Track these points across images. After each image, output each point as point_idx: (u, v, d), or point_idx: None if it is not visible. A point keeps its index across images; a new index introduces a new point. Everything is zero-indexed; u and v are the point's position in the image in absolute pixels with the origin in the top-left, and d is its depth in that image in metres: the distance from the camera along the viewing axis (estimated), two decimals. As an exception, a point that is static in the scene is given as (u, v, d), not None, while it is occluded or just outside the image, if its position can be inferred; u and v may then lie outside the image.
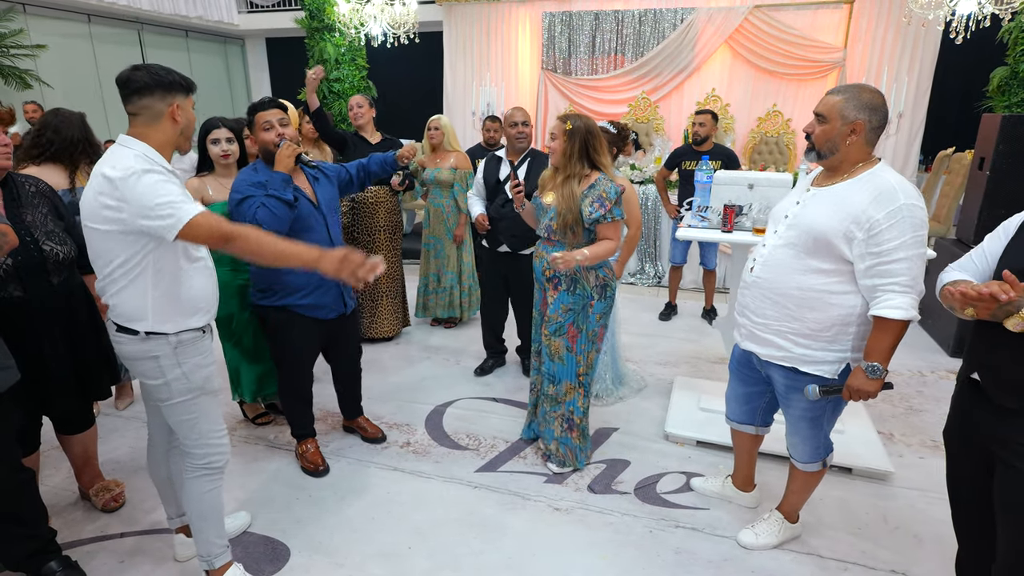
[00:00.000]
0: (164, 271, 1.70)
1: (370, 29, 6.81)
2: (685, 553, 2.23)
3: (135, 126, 1.70)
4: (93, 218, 1.64)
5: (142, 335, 1.72)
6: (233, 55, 10.71)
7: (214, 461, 1.90)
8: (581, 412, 2.66)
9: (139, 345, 1.73)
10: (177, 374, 1.77)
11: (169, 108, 1.70)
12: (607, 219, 2.39)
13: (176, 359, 1.77)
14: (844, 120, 1.78)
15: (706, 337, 4.38)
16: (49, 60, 7.17)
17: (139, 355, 1.75)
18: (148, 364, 1.76)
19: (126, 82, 1.66)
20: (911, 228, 1.68)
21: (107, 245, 1.65)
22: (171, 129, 1.73)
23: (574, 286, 2.50)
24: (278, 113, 2.39)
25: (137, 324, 1.71)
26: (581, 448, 2.71)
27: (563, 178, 2.44)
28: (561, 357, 2.57)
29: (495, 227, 3.34)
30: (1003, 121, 3.79)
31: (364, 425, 3.00)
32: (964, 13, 5.00)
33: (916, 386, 3.58)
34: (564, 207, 2.41)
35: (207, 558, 1.96)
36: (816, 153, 1.87)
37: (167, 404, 1.81)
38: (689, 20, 6.56)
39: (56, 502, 2.46)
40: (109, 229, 1.62)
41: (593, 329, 2.55)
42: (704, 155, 4.14)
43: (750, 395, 2.23)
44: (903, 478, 2.66)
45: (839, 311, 1.83)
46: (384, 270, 1.72)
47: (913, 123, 6.31)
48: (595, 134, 2.42)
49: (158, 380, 1.77)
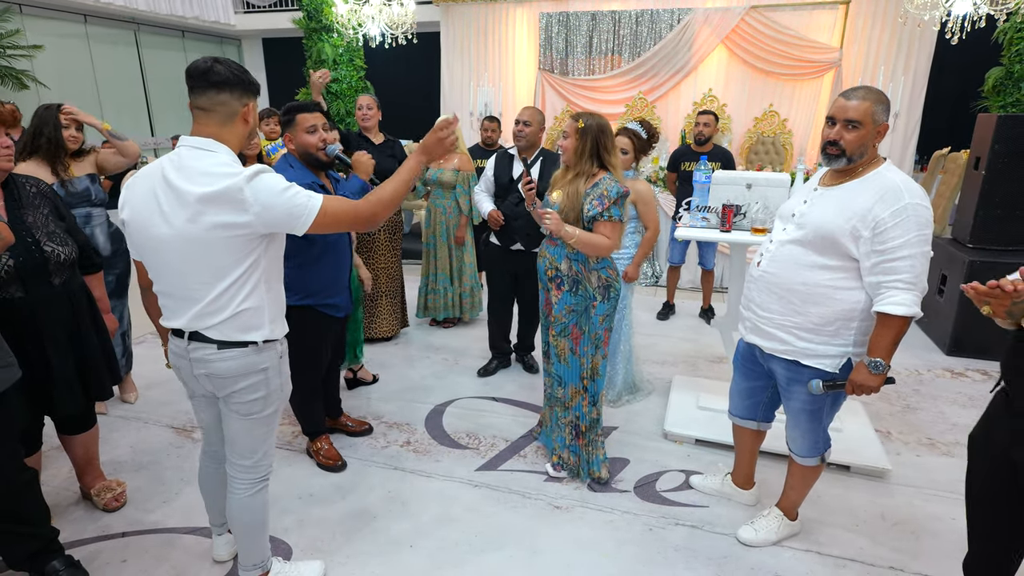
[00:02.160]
0: (272, 271, 1.66)
1: (368, 29, 6.82)
2: (685, 550, 2.24)
3: (207, 125, 1.57)
4: (197, 240, 1.51)
5: (259, 345, 1.65)
6: (230, 56, 10.70)
7: (269, 472, 1.88)
8: (588, 420, 2.60)
9: (251, 358, 1.64)
10: (277, 385, 1.73)
11: (244, 108, 1.60)
12: (603, 217, 2.37)
13: (279, 368, 1.74)
14: (876, 123, 1.80)
15: (704, 336, 4.41)
16: (45, 60, 7.16)
17: (247, 369, 1.65)
18: (254, 378, 1.67)
19: (206, 73, 1.52)
20: (916, 226, 1.71)
21: (221, 260, 1.54)
22: (242, 131, 1.64)
23: (576, 287, 2.49)
24: (321, 118, 2.42)
25: (255, 334, 1.63)
26: (588, 459, 2.63)
27: (572, 176, 2.45)
28: (566, 359, 2.56)
29: (509, 225, 3.37)
30: (999, 121, 3.82)
31: (346, 422, 3.03)
32: (960, 13, 5.02)
33: (913, 384, 3.60)
34: (567, 204, 2.42)
35: (262, 563, 1.95)
36: (847, 159, 1.83)
37: (258, 417, 1.73)
38: (686, 20, 6.58)
39: (58, 502, 2.46)
40: (229, 238, 1.51)
41: (596, 332, 2.50)
42: (703, 156, 4.16)
43: (753, 389, 2.26)
44: (900, 476, 2.67)
45: (842, 306, 1.87)
46: (456, 120, 1.73)
47: (909, 123, 6.34)
48: (607, 133, 2.43)
49: (259, 393, 1.70)
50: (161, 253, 1.57)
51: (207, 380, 1.68)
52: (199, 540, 2.28)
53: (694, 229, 2.96)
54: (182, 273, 1.58)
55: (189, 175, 1.50)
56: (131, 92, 8.85)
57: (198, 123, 1.58)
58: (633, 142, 3.08)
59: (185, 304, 1.61)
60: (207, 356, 1.63)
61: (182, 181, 1.50)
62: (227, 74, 1.54)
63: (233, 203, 1.48)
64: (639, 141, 3.08)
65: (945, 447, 2.84)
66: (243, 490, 1.82)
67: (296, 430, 2.99)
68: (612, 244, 2.42)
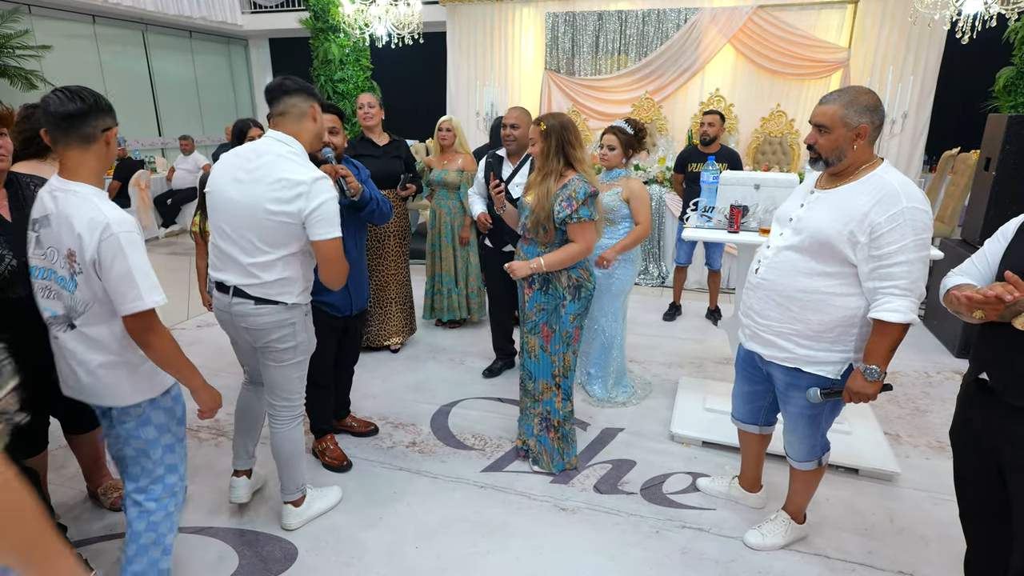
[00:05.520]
0: (309, 254, 2.06)
1: (374, 29, 6.83)
2: (692, 553, 2.23)
3: (284, 124, 1.99)
4: (260, 211, 1.91)
5: (289, 305, 2.03)
6: (237, 56, 10.74)
7: (303, 408, 2.28)
8: (560, 415, 2.64)
9: (282, 315, 2.03)
10: (304, 338, 2.14)
11: (311, 109, 2.02)
12: (573, 219, 2.38)
13: (305, 323, 2.13)
14: (848, 127, 1.77)
15: (711, 337, 4.38)
16: (54, 60, 7.20)
17: (280, 323, 2.03)
18: (285, 330, 2.06)
19: (279, 86, 1.99)
20: (912, 232, 1.68)
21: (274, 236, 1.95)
22: (312, 128, 2.04)
23: (546, 286, 2.52)
24: (334, 119, 2.51)
25: (287, 296, 2.02)
26: (559, 452, 2.68)
27: (542, 176, 2.46)
28: (536, 356, 2.60)
29: (499, 227, 3.35)
30: (1009, 121, 3.78)
31: (352, 422, 3.03)
32: (970, 13, 4.98)
33: (922, 387, 3.57)
34: (537, 205, 2.44)
35: (301, 488, 2.35)
36: (824, 163, 1.85)
37: (290, 363, 2.13)
38: (693, 20, 6.56)
39: (64, 501, 2.48)
40: (289, 221, 1.91)
41: (567, 330, 2.54)
42: (710, 156, 4.15)
43: (754, 393, 2.24)
44: (909, 479, 2.65)
45: (842, 313, 1.84)
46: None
47: (918, 123, 6.30)
48: (570, 129, 2.45)
49: (290, 343, 2.09)
50: (227, 213, 1.96)
51: (246, 332, 2.05)
52: (204, 540, 2.29)
53: (701, 230, 2.95)
54: (240, 234, 1.95)
55: (273, 161, 1.93)
56: (139, 92, 8.89)
57: (276, 125, 2.01)
58: (619, 138, 3.08)
59: (232, 262, 1.98)
60: (247, 311, 2.00)
61: (267, 164, 1.92)
62: (292, 85, 1.99)
63: (295, 198, 1.89)
64: (625, 136, 3.09)
65: (955, 450, 2.83)
66: (283, 425, 2.22)
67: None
68: (583, 247, 2.43)
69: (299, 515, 2.37)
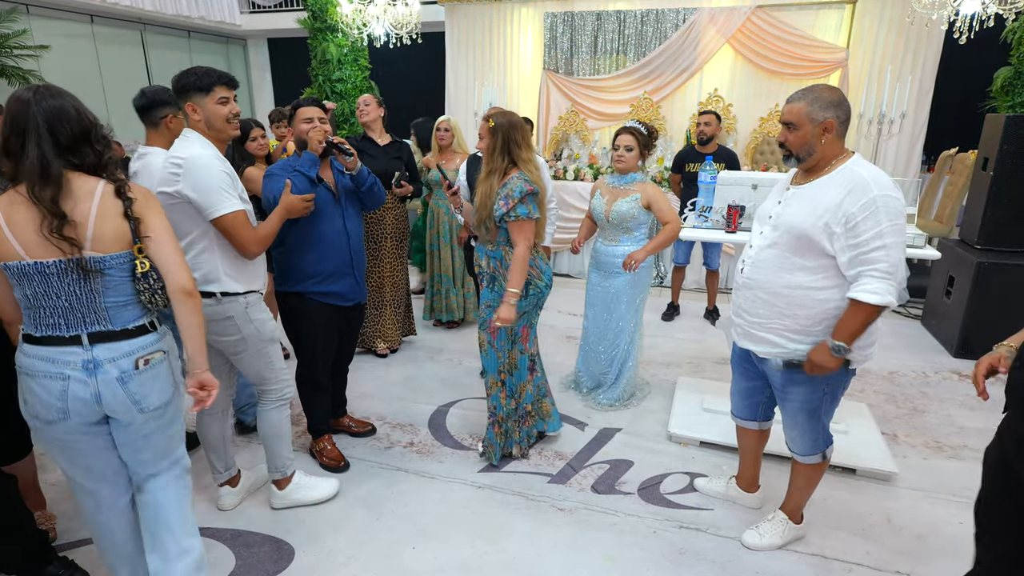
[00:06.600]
0: (221, 240, 2.07)
1: (373, 29, 6.81)
2: (689, 553, 2.23)
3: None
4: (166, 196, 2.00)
5: (218, 297, 2.06)
6: (235, 56, 10.72)
7: (286, 393, 2.34)
8: (504, 411, 2.68)
9: (214, 308, 2.06)
10: (251, 330, 2.16)
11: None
12: (511, 217, 2.39)
13: (247, 315, 2.14)
14: (814, 122, 1.84)
15: (709, 337, 4.38)
16: (52, 60, 7.18)
17: (213, 316, 2.05)
18: (225, 324, 2.10)
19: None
20: (887, 217, 1.73)
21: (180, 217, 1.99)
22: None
23: (493, 283, 2.56)
24: (318, 111, 2.56)
25: (212, 286, 2.05)
26: (500, 445, 2.73)
27: (486, 174, 2.47)
28: (485, 351, 2.63)
29: None
30: (1007, 121, 3.79)
31: (349, 423, 3.02)
32: (968, 13, 4.99)
33: (920, 387, 3.57)
34: (480, 203, 2.46)
35: (281, 469, 2.40)
36: (795, 159, 1.92)
37: (244, 355, 2.18)
38: (691, 20, 6.55)
39: (58, 501, 2.47)
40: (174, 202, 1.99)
41: (512, 328, 2.55)
42: (708, 156, 4.15)
43: (752, 389, 2.25)
44: (907, 479, 2.65)
45: (827, 306, 1.88)
46: None
47: (916, 123, 6.29)
48: (517, 128, 2.46)
49: (234, 336, 2.14)
50: None
51: None
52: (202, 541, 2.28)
53: (699, 230, 2.95)
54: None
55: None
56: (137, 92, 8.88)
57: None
58: (637, 139, 3.02)
59: None
60: None
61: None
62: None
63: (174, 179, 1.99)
64: (643, 138, 3.04)
65: (952, 450, 2.81)
66: (263, 406, 2.32)
67: (299, 430, 2.98)
68: (524, 248, 2.43)
69: (281, 497, 2.42)
